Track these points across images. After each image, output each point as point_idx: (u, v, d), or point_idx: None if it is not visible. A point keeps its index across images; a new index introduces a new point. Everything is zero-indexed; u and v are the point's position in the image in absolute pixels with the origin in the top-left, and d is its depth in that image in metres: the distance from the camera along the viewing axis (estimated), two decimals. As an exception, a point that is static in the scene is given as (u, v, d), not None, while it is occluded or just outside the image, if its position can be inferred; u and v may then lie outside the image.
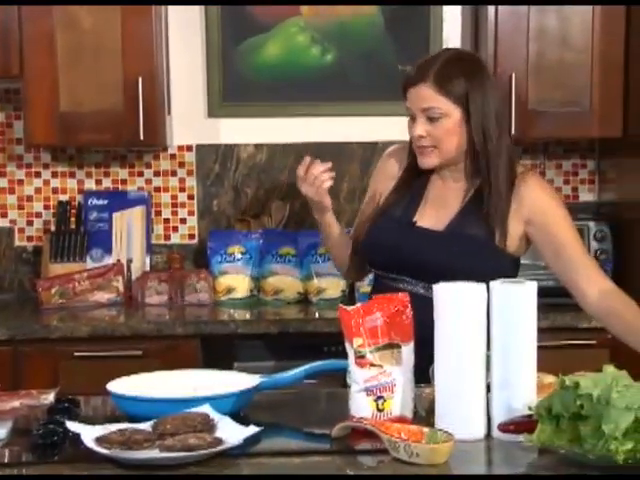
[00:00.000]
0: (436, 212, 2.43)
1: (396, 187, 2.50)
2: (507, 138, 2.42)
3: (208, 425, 1.85)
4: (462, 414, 1.87)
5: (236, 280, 3.62)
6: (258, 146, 3.83)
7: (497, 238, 2.36)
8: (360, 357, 1.93)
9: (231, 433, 1.83)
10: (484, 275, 2.18)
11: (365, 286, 3.48)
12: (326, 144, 3.83)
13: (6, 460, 1.81)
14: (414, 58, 3.74)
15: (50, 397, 2.09)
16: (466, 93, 2.34)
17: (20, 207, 3.81)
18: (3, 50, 3.41)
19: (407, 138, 3.78)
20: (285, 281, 3.61)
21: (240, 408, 2.00)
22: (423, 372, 2.01)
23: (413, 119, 2.40)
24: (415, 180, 2.48)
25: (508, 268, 2.38)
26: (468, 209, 2.40)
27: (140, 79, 3.43)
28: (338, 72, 3.81)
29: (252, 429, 1.83)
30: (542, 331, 1.95)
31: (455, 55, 2.42)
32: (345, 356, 1.98)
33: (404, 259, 2.39)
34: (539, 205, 2.39)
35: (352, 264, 2.60)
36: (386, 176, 2.55)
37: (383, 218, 2.47)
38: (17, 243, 3.83)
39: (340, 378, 2.04)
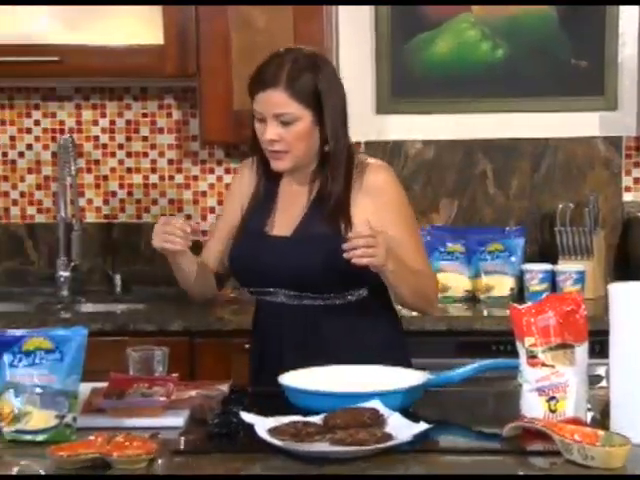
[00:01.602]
0: (285, 218, 2.41)
1: (250, 200, 2.47)
2: (347, 134, 2.42)
3: (378, 420, 1.86)
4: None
5: (403, 277, 3.61)
6: (426, 142, 3.82)
7: (342, 231, 2.32)
8: (532, 357, 1.90)
9: (401, 429, 1.83)
10: (339, 270, 2.28)
11: (535, 285, 3.43)
12: (495, 140, 3.78)
13: (182, 447, 1.87)
14: (589, 53, 3.72)
15: (224, 388, 2.15)
16: (317, 96, 2.32)
17: (195, 202, 3.92)
18: (181, 50, 3.51)
19: (577, 133, 3.75)
20: (452, 278, 3.58)
21: (409, 404, 2.00)
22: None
23: (262, 122, 2.34)
24: (266, 189, 2.45)
25: None
26: (313, 209, 2.38)
27: (311, 77, 3.47)
28: (509, 67, 3.76)
29: (422, 426, 1.83)
30: None
31: (302, 56, 2.37)
32: (512, 355, 1.96)
33: (261, 271, 2.38)
34: (387, 199, 2.39)
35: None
36: (238, 193, 2.51)
37: (240, 234, 2.46)
38: (192, 237, 3.92)
39: (509, 377, 2.02)
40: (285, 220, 2.41)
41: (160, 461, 1.78)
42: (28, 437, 1.88)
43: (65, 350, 1.91)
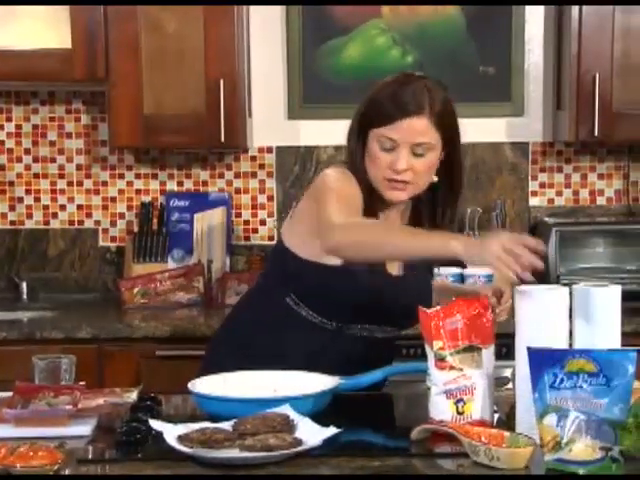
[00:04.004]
0: None
1: None
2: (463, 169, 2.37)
3: (288, 425, 1.86)
4: (544, 419, 1.85)
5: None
6: (338, 148, 3.83)
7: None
8: (440, 360, 1.92)
9: (311, 434, 1.83)
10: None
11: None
12: (406, 146, 3.81)
13: (90, 457, 1.84)
14: (496, 60, 3.79)
15: (133, 395, 2.13)
16: (451, 126, 2.25)
17: (104, 208, 3.87)
18: (89, 54, 3.47)
19: (485, 139, 3.80)
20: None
21: (320, 409, 2.00)
22: None
23: (390, 150, 2.22)
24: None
25: None
26: None
27: (222, 81, 3.46)
28: (418, 74, 3.79)
29: (331, 430, 1.84)
30: (626, 335, 1.92)
31: (435, 84, 2.27)
32: (423, 358, 1.97)
33: (377, 309, 2.30)
34: None
35: None
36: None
37: (357, 270, 2.25)
38: (101, 243, 3.89)
39: (419, 381, 2.03)
40: None
41: (67, 471, 1.75)
42: (571, 467, 1.70)
43: (611, 375, 1.72)
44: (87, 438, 1.92)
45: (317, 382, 2.07)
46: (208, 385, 2.06)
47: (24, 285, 3.78)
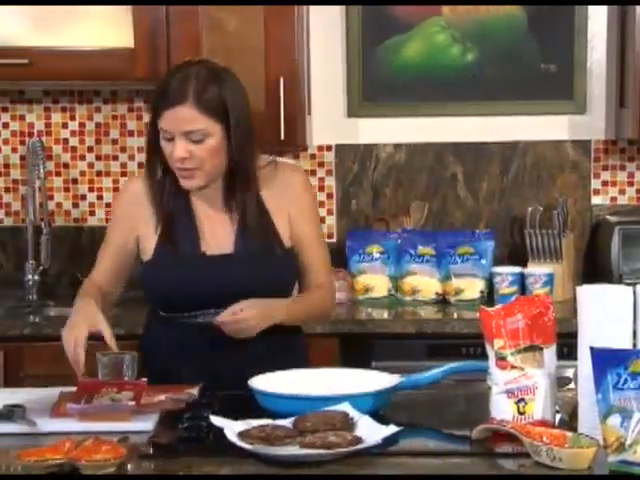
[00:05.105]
0: (217, 237, 2.36)
1: (163, 221, 2.36)
2: (255, 148, 2.38)
3: (348, 423, 1.86)
4: (606, 420, 1.83)
5: (374, 280, 3.62)
6: (397, 146, 3.83)
7: (276, 245, 2.36)
8: (501, 359, 1.91)
9: (370, 432, 1.83)
10: (282, 283, 2.38)
11: (505, 287, 3.44)
12: (465, 144, 3.80)
13: (151, 452, 1.86)
14: (558, 57, 3.75)
15: (194, 391, 2.15)
16: (225, 110, 2.26)
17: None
18: (151, 53, 3.50)
19: (546, 137, 3.77)
20: (423, 281, 3.59)
21: (379, 407, 2.00)
22: None
23: (170, 140, 2.26)
24: (178, 208, 2.37)
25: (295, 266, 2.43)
26: (243, 224, 2.34)
27: (282, 80, 3.47)
28: (478, 71, 3.77)
29: (391, 429, 1.84)
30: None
31: (206, 69, 2.29)
32: (483, 357, 1.97)
33: (207, 293, 2.31)
34: (303, 205, 2.42)
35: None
36: (127, 214, 2.42)
37: (167, 258, 2.35)
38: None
39: (479, 380, 2.03)
40: (218, 239, 2.36)
41: (129, 466, 1.77)
42: (635, 469, 1.67)
43: None
44: (149, 433, 1.95)
45: (377, 380, 2.07)
46: (268, 382, 2.07)
47: (87, 282, 3.82)
